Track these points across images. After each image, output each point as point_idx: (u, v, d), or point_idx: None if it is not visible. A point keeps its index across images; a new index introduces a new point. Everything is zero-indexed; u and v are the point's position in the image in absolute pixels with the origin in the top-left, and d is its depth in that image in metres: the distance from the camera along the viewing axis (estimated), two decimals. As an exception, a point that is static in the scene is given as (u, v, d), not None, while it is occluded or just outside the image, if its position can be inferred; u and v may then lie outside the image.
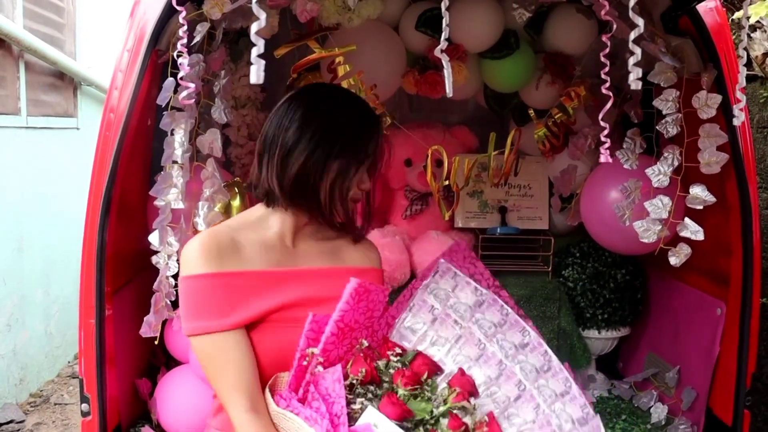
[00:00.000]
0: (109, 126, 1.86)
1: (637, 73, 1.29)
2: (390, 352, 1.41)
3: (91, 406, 1.85)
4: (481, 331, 1.48)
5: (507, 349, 1.46)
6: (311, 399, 1.31)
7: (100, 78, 4.85)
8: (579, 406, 1.39)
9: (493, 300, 1.52)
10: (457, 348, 1.48)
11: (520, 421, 1.40)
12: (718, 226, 2.01)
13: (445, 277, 1.54)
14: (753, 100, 2.88)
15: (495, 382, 1.43)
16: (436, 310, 1.51)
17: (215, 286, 1.36)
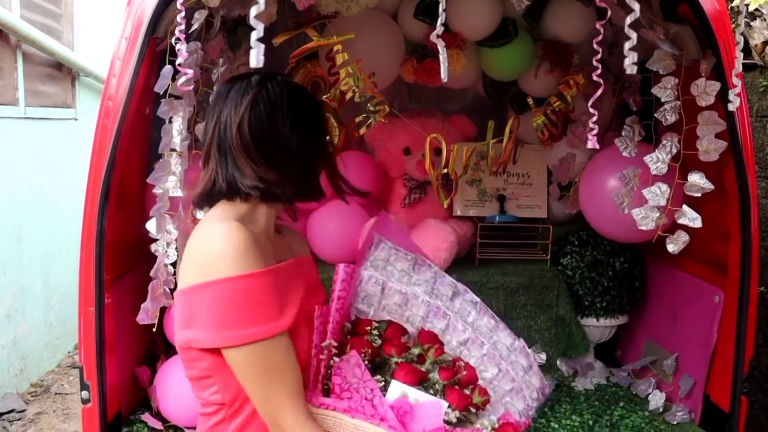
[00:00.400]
0: (107, 114, 1.85)
1: (633, 58, 1.29)
2: (368, 328, 1.51)
3: (91, 394, 1.86)
4: (422, 290, 1.64)
5: (445, 301, 1.65)
6: (340, 390, 1.35)
7: (98, 68, 4.83)
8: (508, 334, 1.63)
9: (421, 261, 1.69)
10: (408, 310, 1.63)
11: (474, 359, 1.58)
12: (716, 213, 2.01)
13: (379, 248, 1.68)
14: (752, 89, 2.88)
15: (447, 332, 1.61)
16: (380, 279, 1.63)
17: (267, 284, 1.25)
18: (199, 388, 1.32)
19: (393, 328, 1.56)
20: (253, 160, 1.31)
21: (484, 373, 1.56)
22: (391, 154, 2.61)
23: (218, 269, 1.21)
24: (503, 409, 1.51)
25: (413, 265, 1.68)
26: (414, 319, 1.62)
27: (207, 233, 1.28)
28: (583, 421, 2.21)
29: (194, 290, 1.23)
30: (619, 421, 2.22)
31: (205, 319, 1.22)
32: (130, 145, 1.90)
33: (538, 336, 2.48)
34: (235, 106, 1.32)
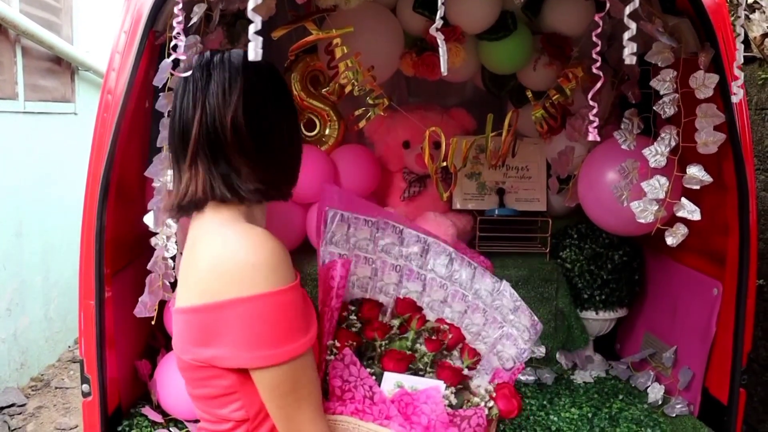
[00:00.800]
0: (107, 108, 1.85)
1: (632, 48, 1.29)
2: (345, 313, 1.49)
3: (92, 387, 1.86)
4: (389, 255, 1.58)
5: (417, 260, 1.58)
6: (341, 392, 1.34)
7: (97, 63, 4.83)
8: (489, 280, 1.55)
9: (384, 223, 1.60)
10: (380, 280, 1.58)
11: (458, 314, 1.55)
12: (714, 206, 2.01)
13: (335, 222, 1.59)
14: (751, 82, 2.88)
15: (425, 293, 1.57)
16: (344, 255, 1.56)
17: (298, 298, 1.17)
18: (216, 406, 1.23)
19: (368, 306, 1.52)
20: (251, 159, 1.21)
21: (470, 327, 1.51)
22: (390, 148, 2.61)
23: (251, 284, 1.11)
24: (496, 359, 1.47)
25: (376, 229, 1.59)
26: (387, 288, 1.57)
27: (229, 241, 1.17)
28: (582, 413, 2.22)
29: (220, 307, 1.12)
30: (618, 413, 2.23)
31: (235, 338, 1.12)
32: (129, 139, 1.90)
33: (538, 329, 2.49)
34: (223, 95, 1.20)
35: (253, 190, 1.21)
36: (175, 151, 1.25)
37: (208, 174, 1.20)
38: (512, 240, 2.59)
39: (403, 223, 1.59)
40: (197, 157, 1.21)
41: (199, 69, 1.24)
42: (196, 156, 1.21)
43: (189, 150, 1.21)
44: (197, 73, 1.24)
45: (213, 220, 1.22)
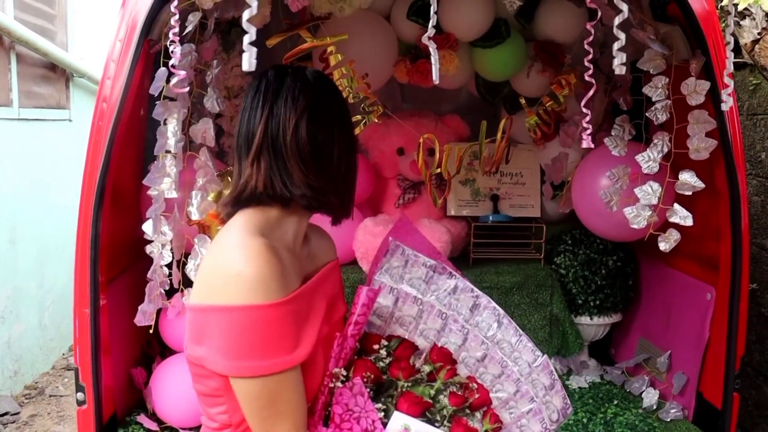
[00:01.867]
0: (102, 116, 1.86)
1: (622, 59, 1.31)
2: (376, 346, 1.45)
3: (87, 395, 1.86)
4: (439, 301, 1.56)
5: (464, 314, 1.56)
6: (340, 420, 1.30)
7: (92, 69, 4.83)
8: (530, 350, 1.51)
9: (442, 268, 1.59)
10: (423, 323, 1.55)
11: (491, 377, 1.51)
12: (707, 211, 2.03)
13: (396, 255, 1.59)
14: (742, 88, 2.90)
15: (463, 348, 1.53)
16: (395, 290, 1.56)
17: (287, 314, 1.17)
18: (207, 404, 1.26)
19: (403, 347, 1.49)
20: (306, 166, 1.25)
21: (500, 392, 1.48)
22: (384, 155, 2.62)
23: (235, 294, 1.12)
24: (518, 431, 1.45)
25: (432, 272, 1.58)
26: (428, 332, 1.54)
27: (229, 247, 1.19)
28: (578, 419, 2.23)
29: (208, 310, 1.15)
30: (613, 418, 2.24)
31: (217, 344, 1.14)
32: (124, 146, 1.91)
33: (532, 335, 2.49)
34: (293, 104, 1.26)
35: (299, 194, 1.26)
36: (239, 147, 1.30)
37: (270, 170, 1.26)
38: (507, 246, 2.60)
39: (459, 273, 1.59)
40: (260, 155, 1.26)
41: (273, 75, 1.30)
42: (260, 154, 1.26)
43: (253, 148, 1.26)
44: (271, 78, 1.30)
45: (233, 225, 1.26)
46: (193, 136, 1.96)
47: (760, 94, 2.80)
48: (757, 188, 2.78)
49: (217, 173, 2.00)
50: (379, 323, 1.55)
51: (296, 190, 1.25)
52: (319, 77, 1.33)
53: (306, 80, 1.30)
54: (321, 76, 1.34)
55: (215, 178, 1.96)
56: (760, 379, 2.68)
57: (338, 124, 1.32)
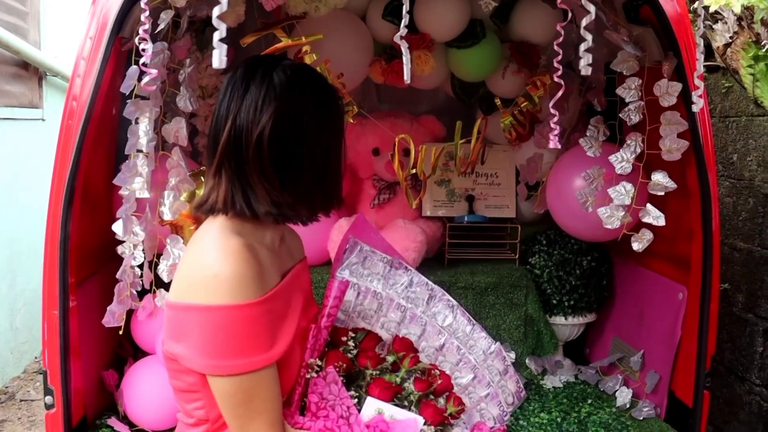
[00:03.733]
0: (71, 114, 1.83)
1: (588, 59, 1.32)
2: (344, 338, 1.49)
3: (55, 399, 1.83)
4: (398, 294, 1.63)
5: (421, 306, 1.64)
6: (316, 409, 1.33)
7: (65, 68, 4.76)
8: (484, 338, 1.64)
9: (398, 264, 1.68)
10: (384, 316, 1.62)
11: (449, 365, 1.58)
12: (679, 212, 2.05)
13: (354, 251, 1.67)
14: (715, 90, 2.94)
15: (423, 338, 1.61)
16: (355, 285, 1.62)
17: (264, 314, 1.18)
18: (184, 400, 1.27)
19: (369, 338, 1.54)
20: (269, 182, 1.21)
21: (459, 379, 1.55)
22: (360, 155, 2.61)
23: (213, 294, 1.14)
24: (478, 416, 1.51)
25: (389, 267, 1.66)
26: (389, 325, 1.61)
27: (207, 247, 1.20)
28: (552, 418, 2.24)
29: (185, 309, 1.16)
30: (587, 417, 2.25)
31: (193, 342, 1.16)
32: (95, 146, 1.88)
33: (507, 335, 2.50)
34: (256, 113, 1.20)
35: (265, 212, 1.22)
36: (207, 154, 1.28)
37: (231, 185, 1.22)
38: (482, 246, 2.61)
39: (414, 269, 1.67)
40: (222, 166, 1.23)
41: (242, 75, 1.24)
42: (221, 166, 1.23)
43: (216, 158, 1.23)
44: (238, 82, 1.24)
45: (212, 224, 1.25)
46: (166, 136, 1.94)
47: (732, 97, 2.84)
48: (729, 189, 2.81)
49: (190, 173, 1.98)
50: (343, 317, 1.61)
51: (260, 207, 1.22)
52: (294, 73, 1.25)
53: (272, 85, 1.22)
54: (297, 70, 1.26)
55: (188, 177, 1.94)
56: (731, 377, 2.71)
57: (315, 122, 1.24)
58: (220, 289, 1.13)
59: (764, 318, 2.53)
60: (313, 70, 1.33)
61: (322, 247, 2.40)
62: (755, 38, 2.57)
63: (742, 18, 2.59)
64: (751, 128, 2.70)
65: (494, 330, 2.48)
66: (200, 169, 2.16)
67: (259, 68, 1.26)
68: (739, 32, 2.64)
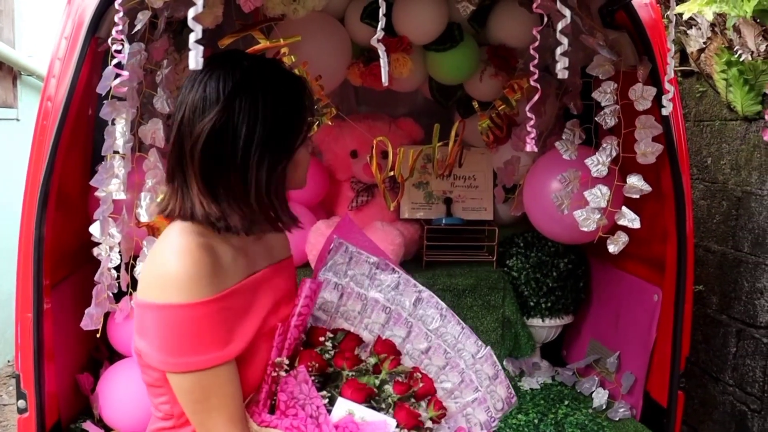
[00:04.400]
0: (46, 115, 1.81)
1: (564, 63, 1.33)
2: (322, 338, 1.46)
3: (29, 403, 1.80)
4: (383, 296, 1.60)
5: (408, 308, 1.60)
6: (285, 407, 1.32)
7: (40, 67, 4.70)
8: (473, 342, 1.56)
9: (385, 265, 1.64)
10: (367, 317, 1.59)
11: (435, 368, 1.55)
12: (654, 214, 2.07)
13: (340, 252, 1.63)
14: (690, 95, 2.97)
15: (407, 341, 1.57)
16: (339, 286, 1.60)
17: (218, 312, 1.18)
18: (152, 394, 1.29)
19: (348, 339, 1.52)
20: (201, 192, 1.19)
21: (444, 383, 1.51)
22: (338, 157, 2.61)
23: (166, 293, 1.15)
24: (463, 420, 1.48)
25: (375, 268, 1.63)
26: (373, 326, 1.58)
27: (165, 247, 1.20)
28: (529, 419, 2.25)
29: (144, 307, 1.19)
30: (563, 419, 2.27)
31: (151, 339, 1.18)
32: (70, 147, 1.86)
33: (485, 337, 2.51)
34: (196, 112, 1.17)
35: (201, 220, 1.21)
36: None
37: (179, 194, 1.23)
38: (459, 249, 2.62)
39: (402, 270, 1.63)
40: (174, 173, 1.22)
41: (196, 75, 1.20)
42: (174, 172, 1.22)
43: (168, 164, 1.23)
44: (190, 80, 1.21)
45: (173, 224, 1.25)
46: (143, 137, 1.93)
47: (705, 101, 2.88)
48: (704, 192, 2.85)
49: (167, 175, 1.96)
50: (325, 318, 1.58)
51: (198, 213, 1.21)
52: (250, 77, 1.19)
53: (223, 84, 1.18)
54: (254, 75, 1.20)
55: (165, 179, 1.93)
56: (705, 377, 2.75)
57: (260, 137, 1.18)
58: (173, 288, 1.14)
59: (737, 319, 2.56)
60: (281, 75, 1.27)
61: (300, 248, 2.40)
62: (728, 44, 2.61)
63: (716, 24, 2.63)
64: (725, 132, 2.74)
65: (472, 332, 2.49)
66: (177, 171, 2.14)
67: (218, 65, 1.21)
68: (712, 38, 2.68)
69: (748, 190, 2.55)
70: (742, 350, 2.54)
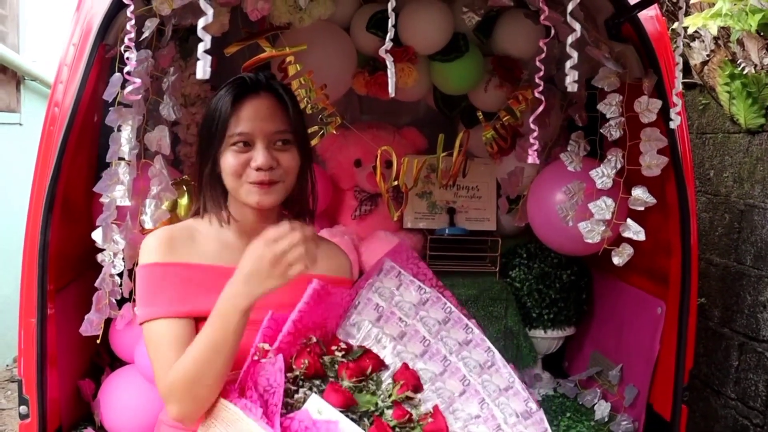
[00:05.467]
0: (53, 121, 1.82)
1: (574, 76, 1.33)
2: (335, 347, 1.43)
3: (30, 409, 1.80)
4: (426, 328, 1.52)
5: (451, 346, 1.51)
6: (246, 388, 1.31)
7: (44, 72, 4.72)
8: (522, 400, 1.44)
9: (436, 298, 1.56)
10: (402, 345, 1.51)
11: (465, 415, 1.44)
12: (658, 227, 2.07)
13: (389, 275, 1.58)
14: (693, 107, 2.98)
15: (440, 378, 1.47)
16: (381, 308, 1.54)
17: (166, 275, 1.41)
18: None
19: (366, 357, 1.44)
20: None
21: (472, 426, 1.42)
22: (342, 166, 2.61)
23: (140, 258, 1.45)
24: None
25: (425, 301, 1.54)
26: (405, 355, 1.49)
27: None
28: (530, 431, 2.24)
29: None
30: (565, 431, 2.26)
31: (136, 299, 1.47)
32: (76, 153, 1.87)
33: (487, 347, 2.51)
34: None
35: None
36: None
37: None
38: (462, 259, 2.61)
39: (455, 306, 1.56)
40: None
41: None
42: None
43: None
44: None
45: None
46: (148, 144, 1.93)
47: (708, 114, 2.88)
48: (706, 205, 2.85)
49: (172, 181, 1.97)
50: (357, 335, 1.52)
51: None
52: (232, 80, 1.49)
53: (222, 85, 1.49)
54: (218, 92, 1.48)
55: (170, 186, 1.93)
56: (707, 391, 2.74)
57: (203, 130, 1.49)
58: (141, 254, 1.45)
59: (740, 332, 2.56)
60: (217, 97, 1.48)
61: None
62: (731, 57, 2.62)
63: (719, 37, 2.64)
64: (728, 145, 2.75)
65: (474, 342, 2.48)
66: (182, 178, 2.15)
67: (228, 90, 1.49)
68: (715, 51, 2.69)
69: (751, 203, 2.56)
70: (745, 364, 2.54)
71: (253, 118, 1.43)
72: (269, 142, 1.45)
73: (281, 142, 1.46)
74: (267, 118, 1.44)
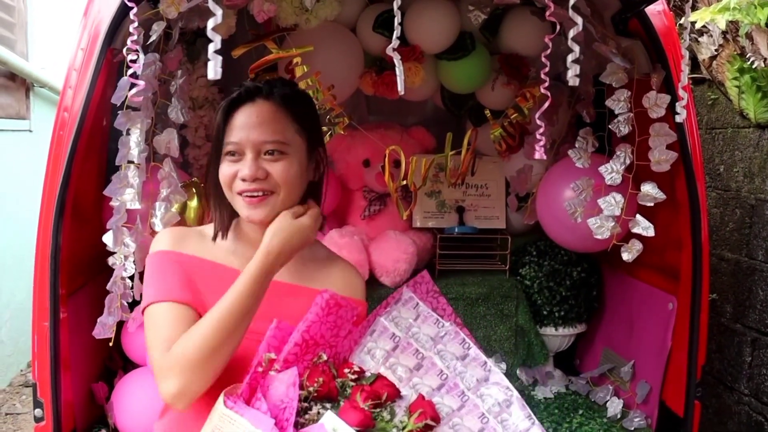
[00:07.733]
0: (63, 125, 1.83)
1: (575, 70, 1.32)
2: (347, 370, 1.39)
3: (45, 412, 1.81)
4: (443, 362, 1.48)
5: (469, 382, 1.47)
6: (255, 400, 1.28)
7: (53, 79, 4.74)
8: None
9: (455, 333, 1.53)
10: (418, 377, 1.46)
11: None
12: (668, 222, 2.06)
13: (407, 306, 1.55)
14: (702, 102, 2.97)
15: (457, 414, 1.42)
16: (397, 338, 1.50)
17: (173, 262, 1.45)
18: None
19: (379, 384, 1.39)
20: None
21: None
22: (350, 166, 2.61)
23: (152, 248, 1.49)
24: None
25: (443, 335, 1.52)
26: (421, 387, 1.45)
27: None
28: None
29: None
30: (578, 428, 2.25)
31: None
32: (86, 157, 1.88)
33: (498, 346, 2.51)
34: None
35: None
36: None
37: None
38: (472, 257, 2.61)
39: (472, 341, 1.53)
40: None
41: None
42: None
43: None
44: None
45: None
46: (157, 147, 1.94)
47: (717, 109, 2.87)
48: (716, 200, 2.84)
49: (181, 184, 1.97)
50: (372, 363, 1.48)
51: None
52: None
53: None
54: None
55: (179, 189, 1.94)
56: (720, 387, 2.73)
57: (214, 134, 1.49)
58: (153, 245, 1.50)
59: (752, 328, 2.55)
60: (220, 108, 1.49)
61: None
62: (740, 51, 2.60)
63: (728, 31, 2.62)
64: (737, 140, 2.73)
65: (485, 341, 2.49)
66: (192, 180, 2.16)
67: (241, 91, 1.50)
68: (724, 45, 2.68)
69: (762, 197, 2.54)
70: (758, 359, 2.52)
71: (242, 127, 1.41)
72: (258, 152, 1.41)
73: (271, 152, 1.41)
74: (257, 126, 1.41)
